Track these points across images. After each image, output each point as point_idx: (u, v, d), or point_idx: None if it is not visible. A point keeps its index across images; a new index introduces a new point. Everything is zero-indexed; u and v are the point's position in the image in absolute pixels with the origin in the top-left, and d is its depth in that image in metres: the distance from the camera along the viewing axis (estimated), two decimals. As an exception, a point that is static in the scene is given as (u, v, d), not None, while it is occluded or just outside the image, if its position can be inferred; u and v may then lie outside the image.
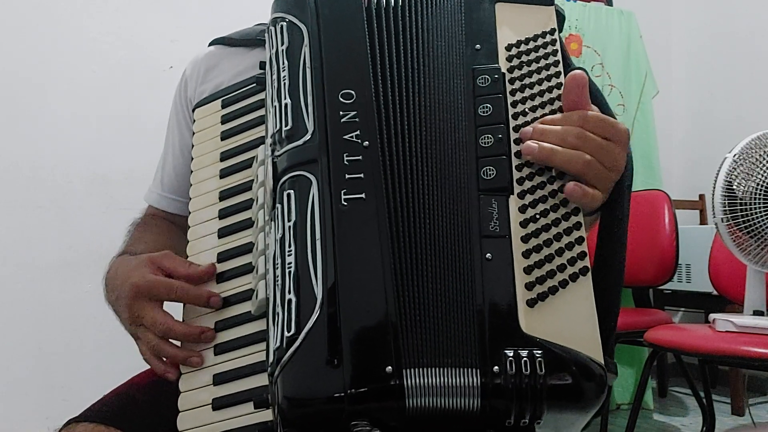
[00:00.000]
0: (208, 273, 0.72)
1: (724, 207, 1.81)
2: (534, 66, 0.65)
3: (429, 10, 0.68)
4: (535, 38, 0.66)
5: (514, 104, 0.64)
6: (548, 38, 0.67)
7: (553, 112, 0.63)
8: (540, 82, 0.64)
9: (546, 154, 0.60)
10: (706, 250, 2.25)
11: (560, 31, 0.69)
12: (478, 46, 0.66)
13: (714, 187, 1.84)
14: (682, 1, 3.56)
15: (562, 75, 0.64)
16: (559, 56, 0.66)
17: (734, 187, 1.80)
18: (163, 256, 0.74)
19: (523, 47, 0.66)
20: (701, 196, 3.22)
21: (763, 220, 1.75)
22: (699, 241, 2.54)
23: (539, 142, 0.60)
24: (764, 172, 1.76)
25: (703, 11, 3.46)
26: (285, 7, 0.68)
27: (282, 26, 0.67)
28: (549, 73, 0.65)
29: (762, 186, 1.75)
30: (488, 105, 0.63)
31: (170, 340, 0.71)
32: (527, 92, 0.64)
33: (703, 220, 3.21)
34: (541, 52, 0.66)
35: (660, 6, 3.54)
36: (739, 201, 1.79)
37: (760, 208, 1.75)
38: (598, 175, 0.61)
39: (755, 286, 1.83)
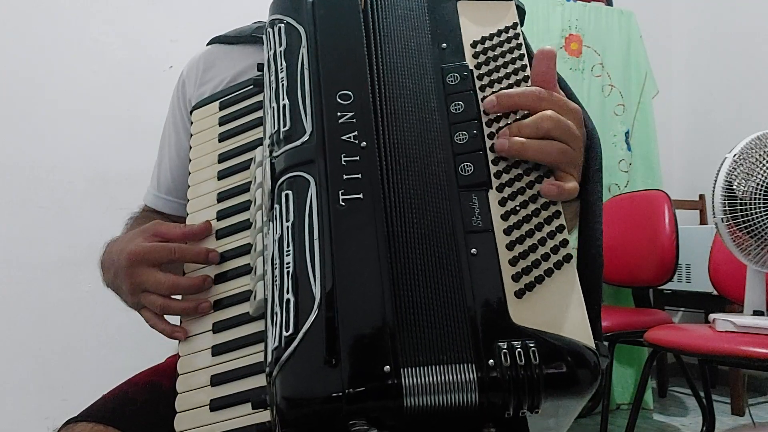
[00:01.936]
0: (204, 230, 0.73)
1: (724, 207, 1.81)
2: (500, 61, 0.66)
3: (397, 11, 0.68)
4: (498, 33, 0.68)
5: (484, 100, 0.64)
6: (511, 33, 0.68)
7: None
8: (508, 76, 0.65)
9: (517, 149, 0.60)
10: (706, 250, 2.26)
11: (521, 24, 0.70)
12: (444, 44, 0.67)
13: (714, 187, 1.84)
14: (682, 1, 3.56)
15: (528, 68, 0.65)
16: (523, 50, 0.67)
17: (734, 187, 1.80)
18: (155, 224, 0.75)
19: (488, 43, 0.67)
20: (701, 196, 3.22)
21: (763, 220, 1.75)
22: (699, 241, 2.54)
23: (510, 138, 0.61)
24: (764, 172, 1.76)
25: (703, 11, 3.46)
26: (282, 9, 0.69)
27: (280, 28, 0.67)
28: (516, 66, 0.66)
29: (762, 186, 1.75)
30: (460, 102, 0.64)
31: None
32: (496, 87, 0.65)
33: (703, 220, 3.21)
34: (506, 46, 0.67)
35: (660, 6, 3.54)
36: (739, 201, 1.79)
37: (760, 208, 1.76)
38: (569, 159, 0.62)
39: (755, 286, 1.84)
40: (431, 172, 0.61)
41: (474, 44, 0.67)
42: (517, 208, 0.60)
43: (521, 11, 0.71)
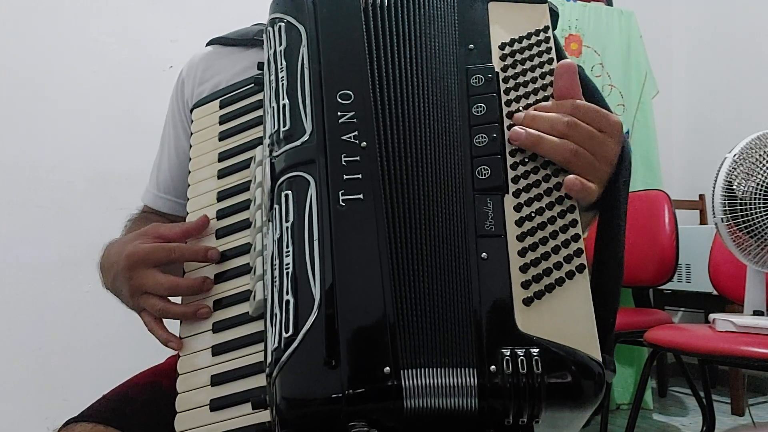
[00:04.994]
0: (202, 224, 0.73)
1: (724, 207, 1.81)
2: (528, 64, 0.65)
3: (423, 10, 0.67)
4: (528, 36, 0.66)
5: (508, 103, 0.63)
6: (542, 36, 0.66)
7: None
8: (534, 80, 0.64)
9: (533, 141, 0.60)
10: (706, 250, 2.25)
11: (554, 28, 0.68)
12: (471, 45, 0.66)
13: (714, 187, 1.84)
14: (682, 1, 3.56)
15: None
16: (553, 54, 0.65)
17: (734, 187, 1.80)
18: (154, 227, 0.75)
19: (516, 46, 0.66)
20: (701, 196, 3.22)
21: (763, 220, 1.75)
22: (699, 241, 2.54)
23: (527, 129, 0.60)
24: (764, 172, 1.75)
25: (703, 11, 3.46)
26: (283, 7, 0.68)
27: (280, 27, 0.67)
28: (543, 71, 0.65)
29: (762, 186, 1.75)
30: (482, 104, 0.63)
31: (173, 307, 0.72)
32: (521, 91, 0.64)
33: (703, 220, 3.21)
34: (535, 50, 0.66)
35: (660, 6, 3.54)
36: (739, 201, 1.79)
37: (760, 208, 1.75)
38: (587, 165, 0.61)
39: (755, 286, 1.83)
40: (446, 173, 0.61)
41: (502, 46, 0.66)
42: (533, 214, 0.59)
43: (554, 14, 0.69)
